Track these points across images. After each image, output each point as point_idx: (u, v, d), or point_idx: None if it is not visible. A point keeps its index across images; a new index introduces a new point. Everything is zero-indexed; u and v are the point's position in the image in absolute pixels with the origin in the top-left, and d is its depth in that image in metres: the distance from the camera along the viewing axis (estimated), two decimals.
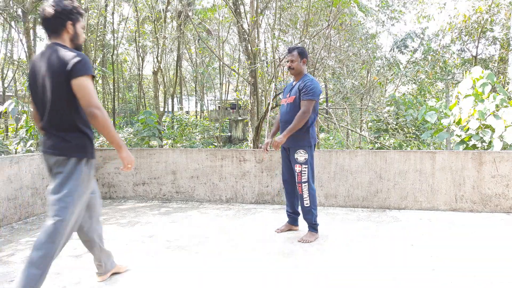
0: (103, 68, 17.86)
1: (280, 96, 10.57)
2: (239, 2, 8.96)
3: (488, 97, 5.32)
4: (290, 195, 3.59)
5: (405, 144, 8.53)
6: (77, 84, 2.02)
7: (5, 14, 12.23)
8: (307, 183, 3.33)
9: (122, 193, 5.23)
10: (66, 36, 2.17)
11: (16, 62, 18.13)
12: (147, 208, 4.70)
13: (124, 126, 18.33)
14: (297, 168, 3.34)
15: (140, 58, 19.38)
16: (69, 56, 2.05)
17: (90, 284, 2.52)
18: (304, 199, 3.34)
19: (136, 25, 16.89)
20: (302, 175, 3.32)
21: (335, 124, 10.16)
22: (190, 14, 13.75)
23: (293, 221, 3.70)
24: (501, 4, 11.30)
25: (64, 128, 2.12)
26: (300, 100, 3.28)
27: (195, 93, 25.19)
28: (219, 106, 24.76)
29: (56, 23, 2.13)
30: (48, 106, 2.09)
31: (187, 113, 24.45)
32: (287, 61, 3.44)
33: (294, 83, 3.47)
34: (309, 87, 3.26)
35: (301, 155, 3.32)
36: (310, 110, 3.24)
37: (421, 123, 8.01)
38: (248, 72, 8.96)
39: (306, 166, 3.32)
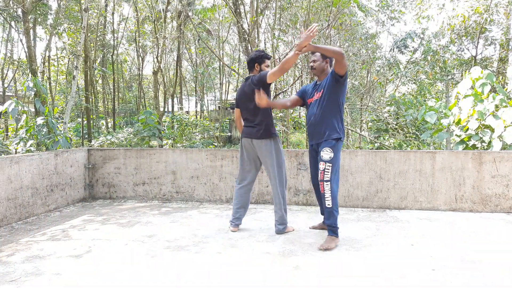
0: (103, 68, 17.87)
1: (280, 96, 10.55)
2: (239, 2, 8.97)
3: (487, 97, 5.33)
4: (321, 199, 3.49)
5: (405, 144, 8.53)
6: None
7: (5, 14, 12.23)
8: (329, 182, 3.23)
9: (122, 193, 5.23)
10: (255, 71, 3.66)
11: (16, 62, 18.13)
12: (147, 208, 4.71)
13: (124, 126, 18.31)
14: (321, 166, 3.27)
15: (140, 58, 19.40)
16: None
17: (91, 284, 2.52)
18: (326, 199, 3.24)
19: (136, 25, 16.90)
20: (325, 173, 3.25)
21: None
22: (190, 14, 13.75)
23: None
24: (500, 4, 11.30)
25: None
26: (328, 95, 3.28)
27: (195, 93, 25.19)
28: (219, 106, 24.72)
29: (250, 65, 3.69)
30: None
31: (187, 113, 24.40)
32: (310, 62, 3.52)
33: (317, 82, 3.49)
34: None
35: (326, 153, 3.26)
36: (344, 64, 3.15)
37: (421, 123, 8.01)
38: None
39: (330, 164, 3.24)
